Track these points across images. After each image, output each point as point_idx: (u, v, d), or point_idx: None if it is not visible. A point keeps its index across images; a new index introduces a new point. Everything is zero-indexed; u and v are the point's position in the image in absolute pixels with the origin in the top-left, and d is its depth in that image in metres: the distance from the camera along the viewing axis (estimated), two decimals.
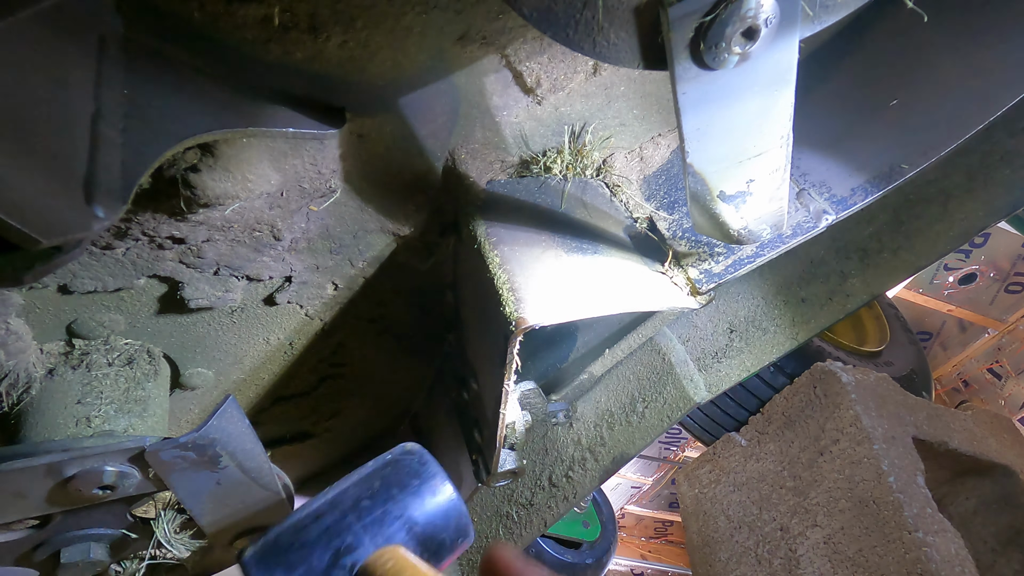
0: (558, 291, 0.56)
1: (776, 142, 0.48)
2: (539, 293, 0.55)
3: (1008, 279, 2.23)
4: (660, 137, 0.71)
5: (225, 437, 0.49)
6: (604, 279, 0.59)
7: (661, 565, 3.64)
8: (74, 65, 0.37)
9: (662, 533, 3.78)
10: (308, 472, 0.95)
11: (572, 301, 0.55)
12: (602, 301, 0.56)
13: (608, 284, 0.58)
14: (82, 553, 0.53)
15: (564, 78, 0.58)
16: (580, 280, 0.58)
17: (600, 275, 0.59)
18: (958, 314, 2.35)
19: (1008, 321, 2.30)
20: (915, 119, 0.61)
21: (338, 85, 0.48)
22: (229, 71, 0.44)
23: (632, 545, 3.69)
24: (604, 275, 0.59)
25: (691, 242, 0.65)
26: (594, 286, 0.57)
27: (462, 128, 0.59)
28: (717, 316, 0.85)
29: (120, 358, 0.60)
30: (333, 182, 0.56)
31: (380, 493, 0.38)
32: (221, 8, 0.40)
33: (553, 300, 0.55)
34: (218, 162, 0.48)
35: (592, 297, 0.56)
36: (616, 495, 3.49)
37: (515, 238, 0.61)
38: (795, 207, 0.63)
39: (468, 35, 0.48)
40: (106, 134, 0.38)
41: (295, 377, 0.79)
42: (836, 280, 0.79)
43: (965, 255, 2.20)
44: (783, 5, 0.37)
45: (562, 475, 0.96)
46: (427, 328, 0.81)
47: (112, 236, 0.50)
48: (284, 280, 0.64)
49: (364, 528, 0.37)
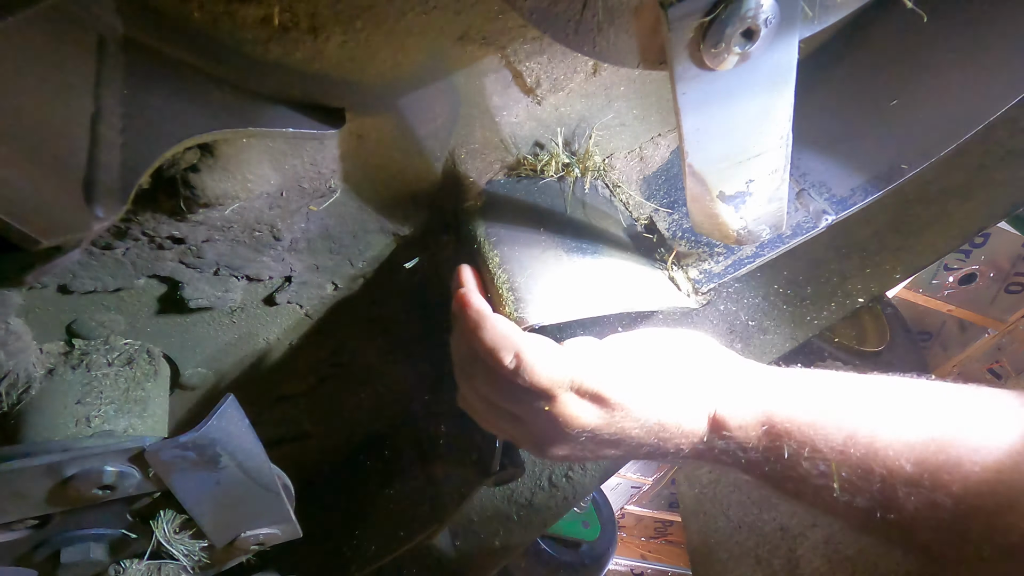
0: (558, 291, 0.56)
1: (776, 142, 0.48)
2: (539, 293, 0.55)
3: (1008, 279, 2.23)
4: (660, 137, 0.71)
5: (225, 437, 0.49)
6: (604, 279, 0.59)
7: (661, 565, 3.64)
8: (73, 65, 0.37)
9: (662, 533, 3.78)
10: (308, 472, 0.95)
11: (572, 301, 0.55)
12: (602, 301, 0.56)
13: (608, 284, 0.58)
14: (82, 553, 0.53)
15: (564, 78, 0.58)
16: (580, 280, 0.57)
17: (600, 275, 0.59)
18: (958, 314, 2.35)
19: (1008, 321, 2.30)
20: (915, 119, 0.61)
21: (338, 85, 0.48)
22: (229, 71, 0.44)
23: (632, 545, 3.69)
24: (604, 275, 0.59)
25: (691, 242, 0.65)
26: (594, 286, 0.57)
27: (462, 128, 0.59)
28: (716, 316, 0.85)
29: (120, 358, 0.60)
30: (333, 182, 0.56)
31: None
32: (221, 8, 0.40)
33: (553, 300, 0.55)
34: (218, 162, 0.48)
35: (592, 297, 0.56)
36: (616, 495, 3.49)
37: (515, 238, 0.60)
38: (795, 207, 0.63)
39: (468, 35, 0.48)
40: (105, 134, 0.38)
41: (295, 377, 0.79)
42: (836, 280, 0.79)
43: (965, 255, 2.20)
44: (783, 5, 0.37)
45: (562, 475, 0.96)
46: (427, 328, 0.81)
47: (112, 236, 0.50)
48: (284, 280, 0.64)
49: None
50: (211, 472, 0.50)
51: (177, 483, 0.50)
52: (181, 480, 0.50)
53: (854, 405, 0.49)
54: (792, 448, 0.48)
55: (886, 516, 0.45)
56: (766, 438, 0.50)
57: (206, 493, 0.52)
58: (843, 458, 0.47)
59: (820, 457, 0.47)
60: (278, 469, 0.57)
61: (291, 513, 0.59)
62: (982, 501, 0.42)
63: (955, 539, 0.43)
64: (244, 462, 0.51)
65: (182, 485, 0.50)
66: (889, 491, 0.45)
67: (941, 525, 0.43)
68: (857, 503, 0.46)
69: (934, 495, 0.43)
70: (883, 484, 0.45)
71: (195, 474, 0.50)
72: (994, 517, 0.41)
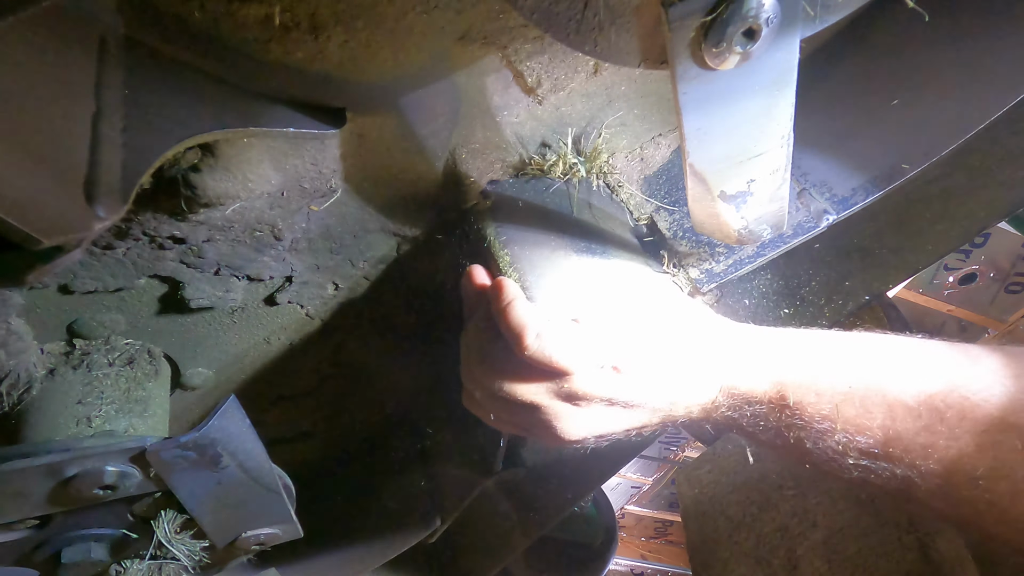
0: (567, 290, 0.56)
1: (777, 142, 0.48)
2: (549, 292, 0.56)
3: (1008, 279, 2.22)
4: (661, 137, 0.71)
5: (226, 437, 0.49)
6: (612, 279, 0.59)
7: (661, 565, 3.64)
8: (74, 65, 0.37)
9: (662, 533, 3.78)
10: (309, 472, 0.95)
11: (581, 301, 0.55)
12: (610, 301, 0.56)
13: (616, 284, 0.58)
14: (83, 553, 0.53)
15: (565, 78, 0.58)
16: (589, 280, 0.58)
17: (608, 275, 0.59)
18: (958, 314, 2.34)
19: (1008, 321, 2.30)
20: (916, 119, 0.61)
21: (339, 85, 0.48)
22: (230, 71, 0.44)
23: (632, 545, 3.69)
24: (612, 275, 0.59)
25: (692, 242, 0.65)
26: (602, 286, 0.58)
27: (463, 128, 0.59)
28: None
29: (121, 358, 0.60)
30: (334, 182, 0.56)
31: None
32: (222, 8, 0.40)
33: (563, 299, 0.55)
34: (219, 162, 0.48)
35: (600, 297, 0.56)
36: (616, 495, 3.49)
37: (524, 238, 0.61)
38: (796, 207, 0.63)
39: (469, 35, 0.48)
40: (107, 134, 0.38)
41: (296, 377, 0.79)
42: (836, 280, 0.79)
43: (965, 255, 2.19)
44: (784, 5, 0.37)
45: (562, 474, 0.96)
46: (428, 328, 0.81)
47: (113, 236, 0.50)
48: (285, 280, 0.64)
49: None
50: (212, 472, 0.50)
51: (178, 483, 0.50)
52: (182, 480, 0.50)
53: (858, 351, 0.51)
54: (797, 395, 0.50)
55: (886, 450, 0.46)
56: (772, 389, 0.51)
57: (207, 493, 0.52)
58: (847, 398, 0.48)
59: (825, 399, 0.49)
60: (279, 469, 0.57)
61: (292, 513, 0.59)
62: (989, 437, 0.43)
63: (955, 473, 0.44)
64: (245, 462, 0.51)
65: (183, 485, 0.50)
66: (888, 424, 0.46)
67: (944, 457, 0.44)
68: (858, 442, 0.47)
69: (933, 424, 0.45)
70: (884, 418, 0.47)
71: (196, 474, 0.50)
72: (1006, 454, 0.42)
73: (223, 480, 0.51)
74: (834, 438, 0.48)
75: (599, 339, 0.51)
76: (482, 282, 0.58)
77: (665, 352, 0.53)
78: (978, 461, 0.43)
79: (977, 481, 0.43)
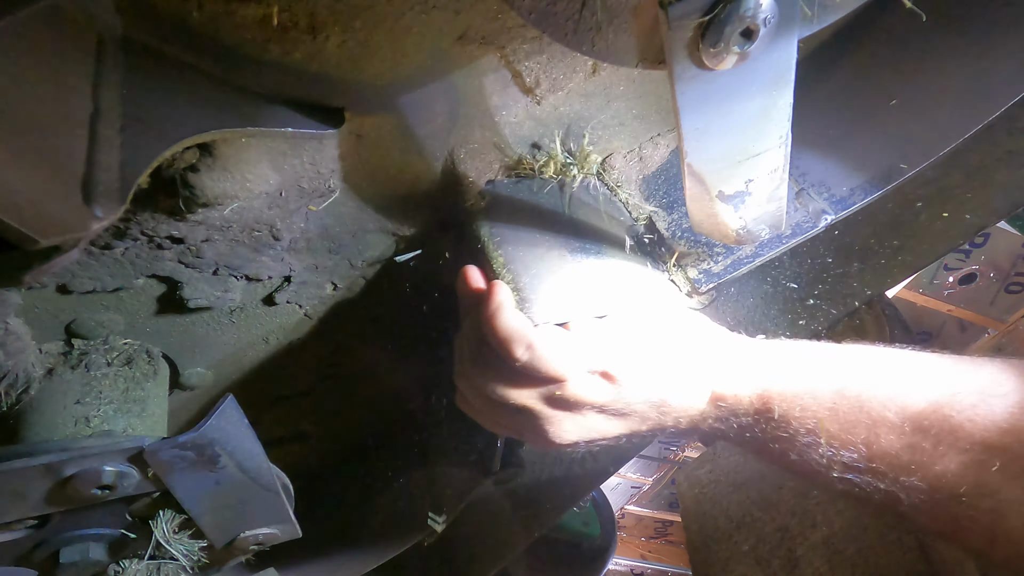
0: (563, 291, 0.56)
1: (775, 142, 0.48)
2: (544, 293, 0.56)
3: (1008, 279, 2.22)
4: (659, 137, 0.71)
5: (224, 437, 0.49)
6: (607, 279, 0.59)
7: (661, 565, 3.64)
8: (72, 65, 0.37)
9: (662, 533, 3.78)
10: (307, 472, 0.95)
11: (576, 300, 0.55)
12: (605, 301, 0.56)
13: (611, 284, 0.58)
14: (81, 553, 0.53)
15: (563, 78, 0.58)
16: (584, 280, 0.58)
17: (603, 275, 0.59)
18: (958, 314, 2.34)
19: (1008, 321, 2.29)
20: (914, 119, 0.61)
21: (337, 85, 0.48)
22: (228, 71, 0.44)
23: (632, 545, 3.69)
24: (607, 275, 0.59)
25: (690, 242, 0.65)
26: (597, 286, 0.57)
27: (461, 128, 0.59)
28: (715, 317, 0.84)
29: (119, 358, 0.60)
30: (332, 182, 0.56)
31: None
32: (220, 8, 0.40)
33: (558, 299, 0.55)
34: (217, 162, 0.48)
35: (595, 297, 0.56)
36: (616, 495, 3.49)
37: (519, 238, 0.61)
38: (794, 207, 0.63)
39: (467, 35, 0.48)
40: (104, 134, 0.38)
41: (294, 377, 0.79)
42: (835, 280, 0.79)
43: (965, 255, 2.19)
44: (782, 5, 0.37)
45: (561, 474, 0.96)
46: (427, 328, 0.81)
47: (111, 236, 0.50)
48: (283, 280, 0.64)
49: None
50: (210, 472, 0.50)
51: (176, 483, 0.50)
52: (180, 480, 0.50)
53: (844, 366, 0.51)
54: (783, 408, 0.50)
55: (870, 465, 0.46)
56: (759, 401, 0.51)
57: (205, 493, 0.52)
58: (831, 413, 0.48)
59: (809, 414, 0.49)
60: (277, 469, 0.57)
61: (290, 513, 0.59)
62: (982, 455, 0.43)
63: (939, 490, 0.44)
64: (243, 462, 0.51)
65: (181, 485, 0.50)
66: (872, 440, 0.46)
67: (927, 475, 0.44)
68: (843, 457, 0.47)
69: (916, 442, 0.44)
70: (867, 434, 0.47)
71: (194, 474, 0.50)
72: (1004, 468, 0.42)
73: (221, 480, 0.51)
74: (819, 451, 0.48)
75: (590, 346, 0.52)
76: (476, 283, 0.58)
77: (656, 360, 0.53)
78: (961, 480, 0.43)
79: (960, 499, 0.43)
